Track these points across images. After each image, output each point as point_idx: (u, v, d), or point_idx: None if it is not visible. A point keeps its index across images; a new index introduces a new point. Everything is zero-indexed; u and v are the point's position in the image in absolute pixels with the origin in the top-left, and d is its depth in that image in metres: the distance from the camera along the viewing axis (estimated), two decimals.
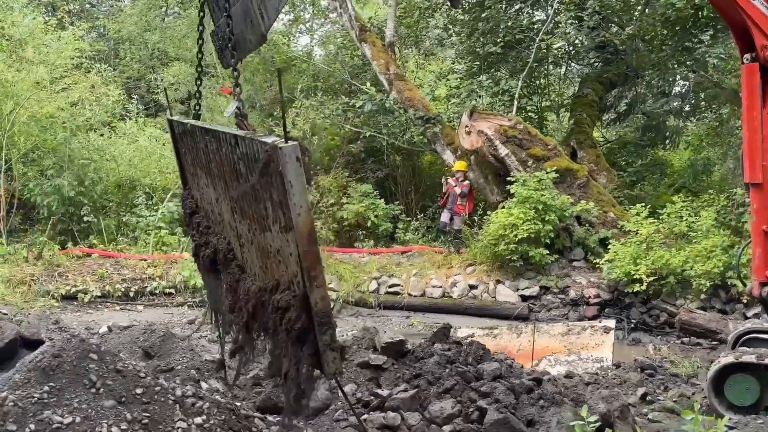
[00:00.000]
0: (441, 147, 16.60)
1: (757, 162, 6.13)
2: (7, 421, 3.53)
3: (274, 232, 3.46)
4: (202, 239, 4.68)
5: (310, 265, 3.27)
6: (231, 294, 4.15)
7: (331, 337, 3.39)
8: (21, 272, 13.76)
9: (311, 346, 3.49)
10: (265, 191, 3.42)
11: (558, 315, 12.59)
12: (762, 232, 6.21)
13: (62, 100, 17.09)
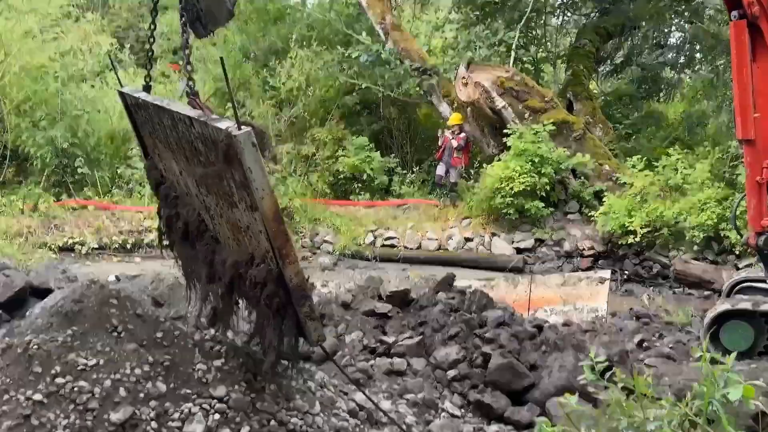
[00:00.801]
0: (437, 99, 16.53)
1: (749, 118, 6.19)
2: (32, 363, 3.63)
3: (241, 210, 3.47)
4: (172, 211, 4.49)
5: (280, 245, 3.38)
6: (207, 266, 4.12)
7: (310, 308, 3.54)
8: (17, 224, 13.74)
9: (292, 317, 3.64)
10: (226, 173, 3.43)
11: (552, 267, 12.78)
12: (756, 184, 6.31)
13: (53, 50, 16.83)
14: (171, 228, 4.54)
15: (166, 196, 4.52)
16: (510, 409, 4.69)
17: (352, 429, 4.03)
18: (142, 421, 3.49)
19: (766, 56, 6.09)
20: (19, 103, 16.05)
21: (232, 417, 3.65)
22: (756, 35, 6.08)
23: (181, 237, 4.42)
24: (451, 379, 5.06)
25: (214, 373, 3.79)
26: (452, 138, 14.75)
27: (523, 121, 14.45)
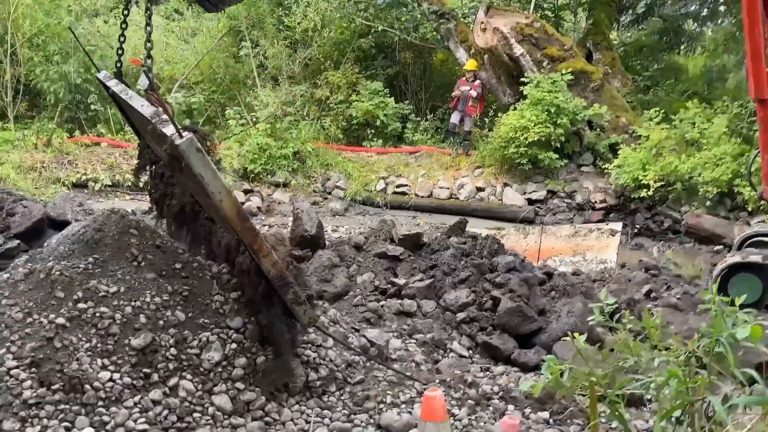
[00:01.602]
0: (454, 44, 16.25)
1: (762, 78, 6.14)
2: (55, 288, 3.73)
3: (215, 202, 3.48)
4: (167, 189, 4.44)
5: (250, 242, 3.45)
6: (206, 245, 4.20)
7: (294, 294, 3.59)
8: (31, 159, 13.82)
9: (280, 304, 3.74)
10: (187, 173, 3.46)
11: (563, 219, 12.77)
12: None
13: None
14: (164, 207, 4.50)
15: (162, 174, 4.48)
16: (517, 352, 4.79)
17: (363, 363, 4.14)
18: (162, 347, 3.60)
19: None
20: (32, 36, 15.94)
21: (248, 347, 3.76)
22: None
23: (175, 217, 4.40)
24: (460, 322, 5.17)
25: (231, 304, 3.89)
26: (467, 85, 14.57)
27: (540, 69, 14.23)
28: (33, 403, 3.37)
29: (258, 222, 12.05)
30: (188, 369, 3.60)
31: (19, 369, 3.49)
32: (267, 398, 3.66)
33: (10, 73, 15.18)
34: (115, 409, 3.37)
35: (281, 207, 13.29)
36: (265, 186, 13.98)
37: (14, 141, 14.34)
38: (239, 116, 15.41)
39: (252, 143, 14.14)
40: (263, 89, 16.45)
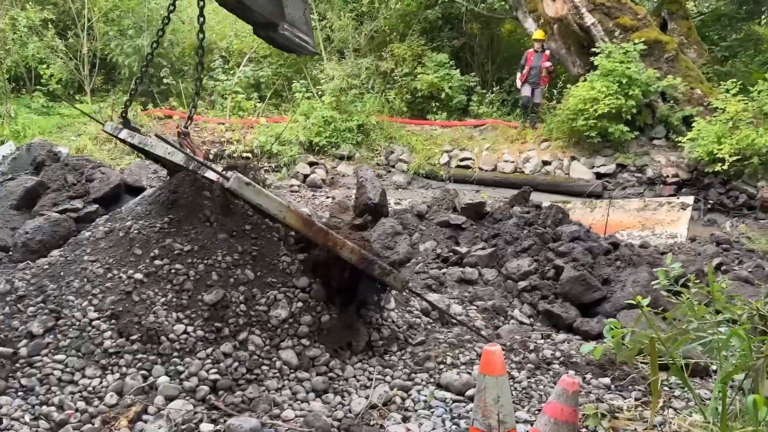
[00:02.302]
0: (523, 14, 15.93)
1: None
2: (133, 246, 3.94)
3: (281, 220, 3.72)
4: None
5: (323, 241, 3.67)
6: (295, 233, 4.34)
7: (380, 268, 3.76)
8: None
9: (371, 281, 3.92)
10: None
11: (633, 194, 12.45)
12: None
13: None
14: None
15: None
16: (579, 320, 4.77)
17: (424, 326, 4.22)
18: (232, 303, 3.77)
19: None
20: (108, 11, 16.50)
21: (314, 306, 3.89)
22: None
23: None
24: (521, 290, 5.17)
25: (297, 265, 4.02)
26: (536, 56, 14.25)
27: (612, 39, 13.83)
28: (113, 352, 3.60)
29: (322, 194, 12.25)
30: (257, 324, 3.75)
31: (100, 320, 3.72)
32: (331, 355, 3.79)
33: (86, 47, 15.78)
34: (188, 359, 3.56)
35: (345, 179, 13.45)
36: (329, 159, 14.16)
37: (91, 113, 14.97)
38: (305, 89, 15.61)
39: (317, 116, 14.31)
40: (329, 62, 16.58)
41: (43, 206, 6.62)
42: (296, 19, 3.89)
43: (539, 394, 3.64)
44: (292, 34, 3.89)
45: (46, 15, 15.14)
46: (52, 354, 3.59)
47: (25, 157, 7.88)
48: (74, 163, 7.42)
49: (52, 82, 15.40)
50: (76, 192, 6.83)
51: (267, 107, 16.07)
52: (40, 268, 4.23)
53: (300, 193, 12.17)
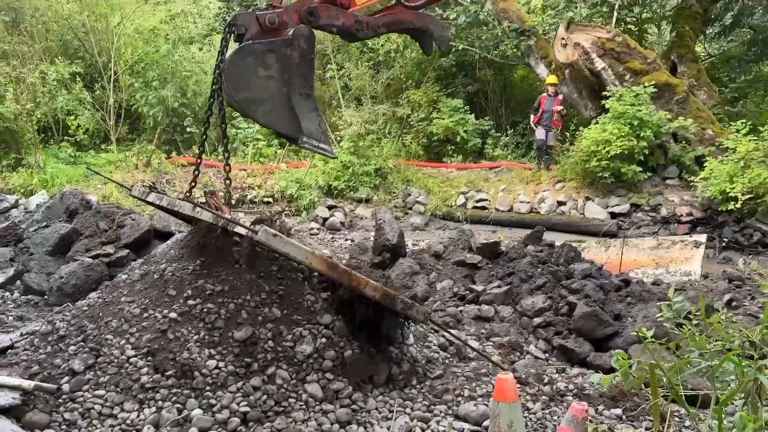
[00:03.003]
0: (535, 60, 16.37)
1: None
2: (168, 287, 4.21)
3: (307, 266, 4.02)
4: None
5: (347, 282, 3.95)
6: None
7: (402, 302, 4.02)
8: (132, 178, 14.83)
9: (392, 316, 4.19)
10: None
11: (648, 233, 12.55)
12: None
13: (164, 13, 17.82)
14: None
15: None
16: (593, 355, 4.92)
17: (442, 360, 4.41)
18: (261, 339, 4.00)
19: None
20: (133, 63, 17.16)
21: (337, 341, 4.11)
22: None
23: None
24: (536, 326, 5.35)
25: (321, 303, 4.26)
26: (550, 99, 14.60)
27: (623, 83, 14.14)
28: (149, 387, 3.83)
29: (341, 236, 12.52)
30: (284, 360, 3.98)
31: (137, 357, 3.97)
32: (354, 388, 3.99)
33: (113, 99, 16.38)
34: (220, 393, 3.78)
35: (363, 222, 13.73)
36: (348, 202, 14.48)
37: (117, 162, 15.47)
38: None
39: (336, 161, 14.69)
40: (347, 109, 17.05)
41: (77, 252, 6.96)
42: (313, 131, 4.26)
43: (553, 424, 3.80)
44: (311, 144, 4.27)
45: (74, 69, 15.79)
46: (93, 389, 3.83)
47: (59, 206, 8.28)
48: (105, 210, 7.79)
49: (79, 132, 15.95)
50: (108, 238, 7.17)
51: (287, 153, 16.51)
52: (80, 310, 4.50)
53: (319, 236, 12.45)
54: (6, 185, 13.16)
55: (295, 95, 4.17)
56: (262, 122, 4.38)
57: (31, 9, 15.93)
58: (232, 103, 4.23)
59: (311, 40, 4.18)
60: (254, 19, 4.10)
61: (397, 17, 4.49)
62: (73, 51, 17.14)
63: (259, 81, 4.10)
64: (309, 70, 4.21)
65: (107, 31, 16.65)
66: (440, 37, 4.59)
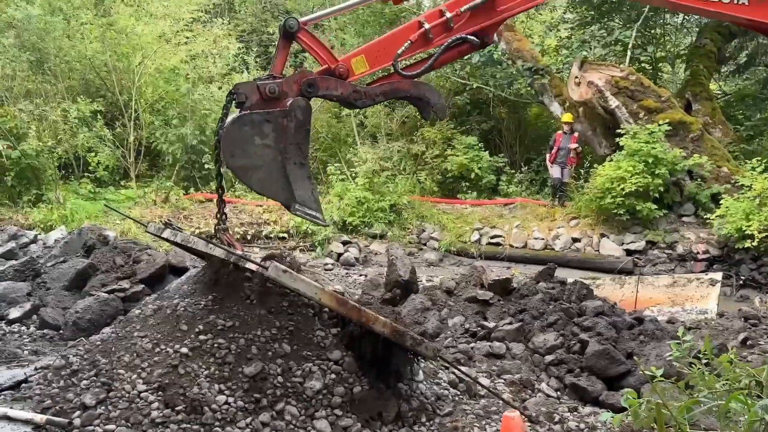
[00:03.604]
0: (549, 99, 16.51)
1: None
2: (180, 322, 4.25)
3: (317, 301, 4.09)
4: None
5: (357, 318, 3.99)
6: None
7: (411, 339, 4.04)
8: (150, 214, 15.03)
9: (402, 352, 4.22)
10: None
11: (664, 270, 12.47)
12: None
13: (184, 53, 18.24)
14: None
15: None
16: (605, 394, 4.88)
17: (452, 397, 4.39)
18: (270, 375, 4.02)
19: None
20: (153, 102, 17.53)
21: (346, 377, 4.11)
22: None
23: None
24: (548, 364, 5.31)
25: (330, 339, 4.27)
26: (565, 137, 14.70)
27: (637, 120, 14.21)
28: (159, 422, 3.84)
29: (355, 272, 12.55)
30: (293, 395, 3.98)
31: (148, 392, 3.99)
32: (362, 425, 3.98)
33: (133, 136, 16.69)
34: (230, 429, 3.78)
35: (378, 258, 13.76)
36: (362, 237, 14.54)
37: (136, 198, 15.70)
38: (340, 172, 16.20)
39: (351, 197, 14.81)
40: (362, 146, 17.23)
41: (92, 287, 7.03)
42: (305, 199, 4.36)
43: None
44: (302, 212, 4.36)
45: (96, 107, 16.14)
46: (104, 424, 3.84)
47: (77, 241, 8.40)
48: (122, 245, 7.88)
49: (99, 169, 16.22)
50: (124, 273, 7.25)
51: None
52: (93, 344, 4.55)
53: (334, 272, 12.48)
54: (27, 221, 13.37)
55: (289, 164, 4.28)
56: (257, 189, 4.46)
57: (55, 49, 16.36)
58: (229, 168, 4.34)
59: (307, 112, 4.29)
60: (255, 88, 4.22)
61: (394, 86, 4.59)
62: (95, 90, 17.55)
63: (256, 149, 4.22)
64: (304, 140, 4.32)
65: (129, 71, 17.05)
66: (436, 104, 4.68)
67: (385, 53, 4.51)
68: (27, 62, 16.01)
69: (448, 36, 4.59)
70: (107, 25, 16.85)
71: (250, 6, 25.42)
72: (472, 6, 4.55)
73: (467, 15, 4.58)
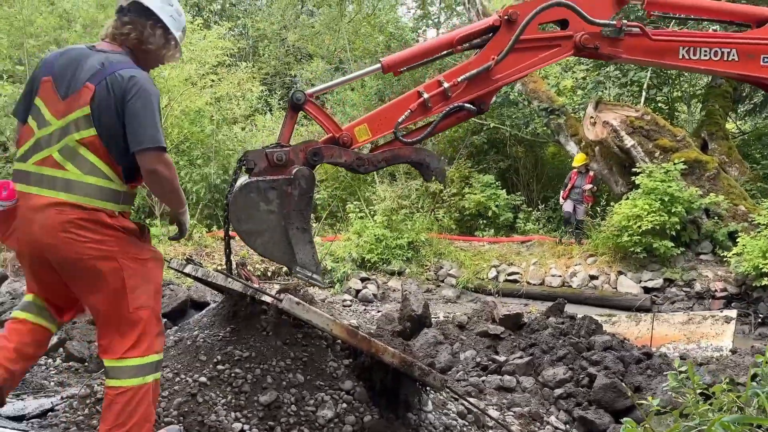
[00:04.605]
0: (565, 138, 16.73)
1: None
2: (199, 353, 4.46)
3: (329, 333, 4.26)
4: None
5: (366, 349, 4.16)
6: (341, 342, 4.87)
7: (419, 369, 4.21)
8: (174, 251, 15.36)
9: (411, 382, 4.39)
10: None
11: (682, 308, 12.45)
12: None
13: (209, 95, 18.79)
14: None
15: None
16: (612, 426, 4.97)
17: (460, 428, 4.52)
18: (284, 404, 4.19)
19: None
20: (179, 143, 18.01)
21: (357, 407, 4.27)
22: None
23: None
24: (557, 397, 5.41)
25: (343, 369, 4.44)
26: (580, 177, 14.86)
27: (653, 159, 14.33)
28: None
29: (373, 308, 12.69)
30: (305, 424, 4.14)
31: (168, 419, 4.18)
32: None
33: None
34: None
35: (396, 294, 13.90)
36: (381, 274, 14.71)
37: (160, 236, 16.06)
38: (359, 210, 16.47)
39: (369, 234, 15.03)
40: (381, 185, 17.52)
41: None
42: (306, 262, 4.56)
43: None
44: (303, 274, 4.56)
45: None
46: None
47: None
48: None
49: None
50: None
51: (322, 227, 16.92)
52: None
53: (352, 308, 12.64)
54: None
55: (292, 228, 4.48)
56: (260, 252, 4.64)
57: None
58: (235, 231, 4.57)
59: (311, 181, 4.51)
60: (263, 155, 4.46)
61: (396, 153, 4.80)
62: None
63: (260, 214, 4.44)
64: (307, 206, 4.54)
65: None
66: (436, 169, 4.88)
67: (386, 122, 4.72)
68: None
69: (446, 104, 4.75)
70: None
71: (274, 50, 26.12)
72: (469, 76, 4.72)
73: (464, 84, 4.74)
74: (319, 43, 24.73)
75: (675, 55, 4.97)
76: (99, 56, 3.38)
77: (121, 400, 3.44)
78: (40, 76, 3.42)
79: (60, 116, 3.30)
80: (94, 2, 17.21)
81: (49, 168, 3.31)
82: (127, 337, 3.49)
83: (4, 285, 10.05)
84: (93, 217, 3.31)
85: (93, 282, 3.39)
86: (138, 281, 3.47)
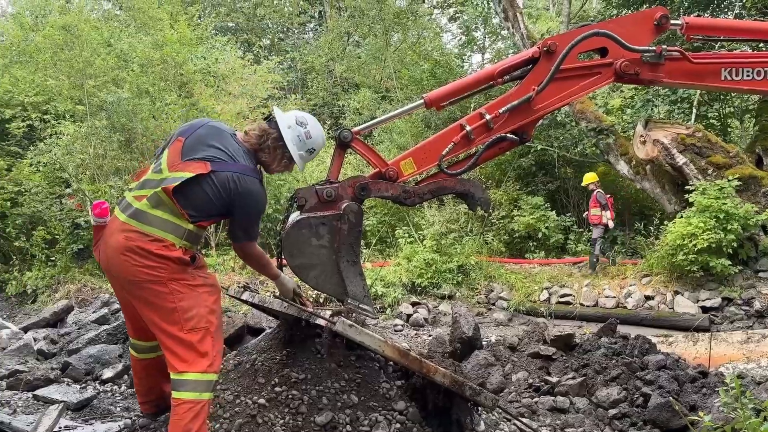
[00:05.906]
0: (614, 158, 16.58)
1: None
2: (257, 375, 4.65)
3: (381, 354, 4.39)
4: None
5: (418, 369, 4.30)
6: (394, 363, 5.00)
7: (470, 389, 4.32)
8: (229, 280, 15.75)
9: (462, 402, 4.48)
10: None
11: (742, 327, 12.15)
12: None
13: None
14: None
15: None
16: None
17: None
18: (339, 424, 4.33)
19: None
20: None
21: (410, 427, 4.38)
22: None
23: None
24: (611, 417, 5.40)
25: (395, 390, 4.57)
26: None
27: (706, 177, 14.09)
28: None
29: (425, 332, 12.75)
30: None
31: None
32: None
33: None
34: None
35: (446, 318, 13.92)
36: (431, 298, 14.77)
37: (215, 265, 16.50)
38: (408, 235, 16.60)
39: (419, 259, 15.13)
40: (429, 209, 17.65)
41: None
42: (357, 294, 4.70)
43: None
44: (355, 306, 4.68)
45: None
46: None
47: None
48: None
49: None
50: None
51: (372, 253, 17.10)
52: None
53: (403, 332, 12.73)
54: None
55: (342, 262, 4.64)
56: (312, 285, 4.79)
57: (143, 128, 17.64)
58: (289, 266, 4.74)
59: (359, 216, 4.67)
60: (314, 192, 4.65)
61: (441, 184, 4.94)
62: None
63: (312, 249, 4.62)
64: (356, 240, 4.70)
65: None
66: (481, 199, 4.98)
67: (430, 155, 4.85)
68: (117, 142, 17.32)
69: (488, 136, 4.86)
70: (190, 105, 18.09)
71: (322, 81, 26.70)
72: (510, 107, 4.82)
73: (506, 116, 4.84)
74: (365, 73, 25.20)
75: (717, 76, 5.00)
76: (233, 146, 4.00)
77: (179, 411, 3.81)
78: (178, 134, 4.01)
79: (172, 170, 3.83)
80: (150, 42, 18.00)
81: (137, 201, 3.84)
82: (184, 354, 3.86)
83: (71, 316, 10.54)
84: (150, 246, 3.76)
85: (147, 302, 3.84)
86: (190, 304, 3.87)
